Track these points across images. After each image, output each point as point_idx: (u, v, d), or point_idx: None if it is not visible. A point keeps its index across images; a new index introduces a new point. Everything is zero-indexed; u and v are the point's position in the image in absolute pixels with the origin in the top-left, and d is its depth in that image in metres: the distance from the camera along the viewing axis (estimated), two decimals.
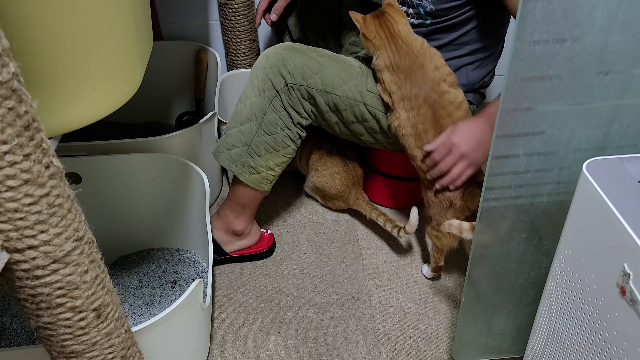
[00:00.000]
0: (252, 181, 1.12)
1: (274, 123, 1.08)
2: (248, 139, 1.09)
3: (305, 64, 1.05)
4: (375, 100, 1.09)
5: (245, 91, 1.10)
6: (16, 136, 0.46)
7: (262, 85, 1.06)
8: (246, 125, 1.09)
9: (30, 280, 0.53)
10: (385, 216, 1.27)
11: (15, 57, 0.45)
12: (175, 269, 1.19)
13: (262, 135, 1.09)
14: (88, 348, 0.63)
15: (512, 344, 1.00)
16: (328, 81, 1.06)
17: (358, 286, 1.22)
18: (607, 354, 0.63)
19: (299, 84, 1.05)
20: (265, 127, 1.08)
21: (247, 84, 1.10)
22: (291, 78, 1.04)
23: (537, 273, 0.88)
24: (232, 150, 1.11)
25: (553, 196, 0.79)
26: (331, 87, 1.06)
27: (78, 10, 0.65)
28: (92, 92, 0.72)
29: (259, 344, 1.10)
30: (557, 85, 0.67)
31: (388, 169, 1.35)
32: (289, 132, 1.09)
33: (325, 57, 1.08)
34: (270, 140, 1.09)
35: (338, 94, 1.07)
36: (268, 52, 1.07)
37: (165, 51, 1.50)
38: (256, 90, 1.07)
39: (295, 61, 1.05)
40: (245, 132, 1.09)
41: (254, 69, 1.08)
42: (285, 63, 1.04)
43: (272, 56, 1.06)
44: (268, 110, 1.07)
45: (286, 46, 1.08)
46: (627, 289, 0.57)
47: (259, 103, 1.07)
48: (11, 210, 0.48)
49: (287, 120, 1.08)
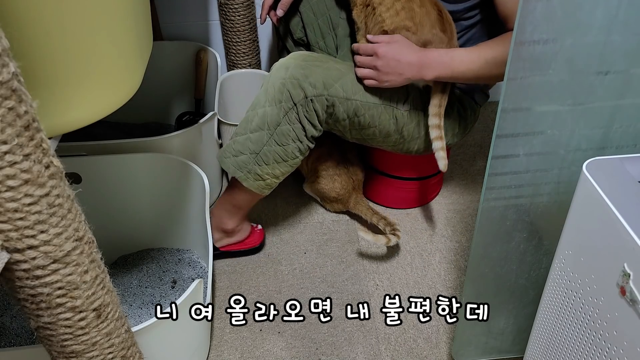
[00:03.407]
0: (256, 187, 1.12)
1: (287, 134, 1.07)
2: (257, 147, 1.08)
3: (325, 74, 1.04)
4: (394, 100, 1.10)
5: (259, 100, 1.08)
6: (16, 136, 0.46)
7: (279, 96, 1.04)
8: (257, 134, 1.08)
9: (30, 280, 0.53)
10: (385, 220, 1.27)
11: (15, 57, 0.45)
12: (175, 269, 1.19)
13: (273, 145, 1.08)
14: (88, 348, 0.63)
15: (512, 344, 1.00)
16: (348, 88, 1.06)
17: (358, 286, 1.22)
18: (607, 354, 0.63)
19: (320, 94, 1.04)
20: (277, 137, 1.07)
21: (260, 92, 1.08)
22: (312, 90, 1.03)
23: (537, 273, 0.88)
24: (238, 157, 1.10)
25: (553, 196, 0.79)
26: (352, 93, 1.06)
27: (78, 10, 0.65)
28: (92, 92, 0.72)
29: (259, 344, 1.10)
30: (557, 85, 0.67)
31: (388, 168, 1.35)
32: (300, 144, 1.09)
33: (341, 64, 1.08)
34: (281, 150, 1.08)
35: (358, 98, 1.07)
36: (286, 62, 1.05)
37: (165, 51, 1.49)
38: (271, 100, 1.05)
39: (316, 72, 1.03)
40: (255, 140, 1.08)
41: (271, 78, 1.06)
42: (307, 75, 1.03)
43: (292, 68, 1.03)
44: (282, 122, 1.06)
45: (304, 56, 1.06)
46: (627, 289, 0.57)
47: (273, 113, 1.06)
48: (11, 210, 0.48)
49: (300, 133, 1.07)
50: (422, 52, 1.02)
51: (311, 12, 1.29)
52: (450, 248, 1.31)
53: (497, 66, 0.98)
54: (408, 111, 1.11)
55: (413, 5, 1.04)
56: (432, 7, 1.04)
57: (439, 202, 1.44)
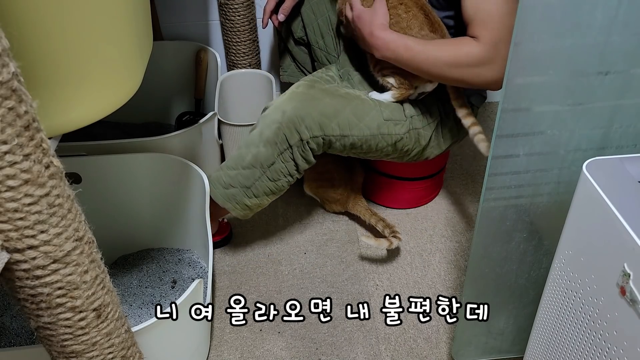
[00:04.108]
0: (242, 215, 1.14)
1: (279, 171, 1.08)
2: (249, 182, 1.10)
3: (321, 113, 1.04)
4: (392, 125, 1.10)
5: (253, 139, 1.08)
6: (16, 136, 0.46)
7: (274, 139, 1.05)
8: (249, 171, 1.09)
9: (30, 280, 0.53)
10: (384, 222, 1.27)
11: (15, 57, 0.45)
12: (175, 269, 1.19)
13: (265, 181, 1.09)
14: (88, 348, 0.63)
15: (512, 344, 1.00)
16: (344, 124, 1.06)
17: (358, 286, 1.22)
18: (607, 354, 0.63)
19: (316, 135, 1.05)
20: (270, 174, 1.09)
21: (255, 132, 1.08)
22: (308, 133, 1.04)
23: (537, 273, 0.88)
24: (228, 189, 1.11)
25: (553, 196, 0.79)
26: (348, 130, 1.06)
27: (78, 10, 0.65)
28: (92, 92, 0.72)
29: (259, 344, 1.10)
30: (557, 85, 0.67)
31: (389, 169, 1.35)
32: (290, 178, 1.11)
33: (337, 98, 1.07)
34: (272, 185, 1.10)
35: (355, 134, 1.07)
36: (282, 105, 1.05)
37: (165, 51, 1.49)
38: (265, 142, 1.06)
39: (312, 114, 1.03)
40: (247, 176, 1.09)
41: (266, 120, 1.06)
42: (303, 117, 1.03)
43: (288, 111, 1.03)
44: (277, 161, 1.07)
45: (300, 96, 1.05)
46: (627, 289, 0.57)
47: (267, 154, 1.06)
48: (11, 210, 0.48)
49: (292, 169, 1.09)
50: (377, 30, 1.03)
51: (311, 12, 1.29)
52: (450, 248, 1.31)
53: (437, 66, 0.99)
54: (407, 132, 1.12)
55: (398, 11, 1.05)
56: (419, 11, 1.04)
57: (439, 202, 1.44)
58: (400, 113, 1.11)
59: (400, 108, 1.11)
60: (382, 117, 1.09)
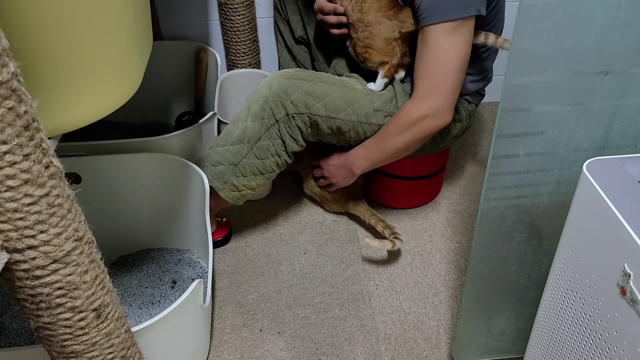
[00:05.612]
0: (231, 197, 1.15)
1: (266, 149, 1.10)
2: (236, 159, 1.11)
3: (308, 92, 1.06)
4: (382, 117, 1.11)
5: (240, 115, 1.10)
6: (16, 136, 0.46)
7: (261, 113, 1.07)
8: (236, 147, 1.10)
9: (30, 280, 0.53)
10: (384, 222, 1.27)
11: (15, 57, 0.45)
12: (175, 269, 1.19)
13: (252, 158, 1.11)
14: (88, 348, 0.63)
15: (512, 344, 1.00)
16: (331, 106, 1.07)
17: (358, 286, 1.21)
18: (607, 354, 0.63)
19: (301, 112, 1.06)
20: (257, 151, 1.10)
21: (243, 108, 1.11)
22: (293, 108, 1.06)
23: (538, 273, 0.88)
24: (216, 167, 1.12)
25: (553, 196, 0.79)
26: (334, 112, 1.08)
27: (78, 10, 0.65)
28: (92, 92, 0.72)
29: (259, 344, 1.10)
30: (557, 85, 0.67)
31: (389, 168, 1.35)
32: (278, 158, 1.12)
33: (328, 83, 1.09)
34: (259, 164, 1.11)
35: (341, 117, 1.08)
36: (270, 80, 1.08)
37: (165, 51, 1.49)
38: (253, 116, 1.08)
39: (298, 91, 1.06)
40: (234, 152, 1.11)
41: (254, 95, 1.09)
42: (290, 93, 1.05)
43: (275, 85, 1.06)
44: (263, 137, 1.09)
45: (289, 74, 1.08)
46: (627, 289, 0.57)
47: (254, 128, 1.08)
48: (11, 210, 0.48)
49: (280, 148, 1.10)
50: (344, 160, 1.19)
51: (311, 11, 1.29)
52: (450, 248, 1.31)
53: (394, 140, 1.08)
54: None
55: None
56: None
57: (439, 202, 1.44)
58: (392, 106, 1.11)
59: (393, 100, 1.12)
60: (373, 106, 1.10)
